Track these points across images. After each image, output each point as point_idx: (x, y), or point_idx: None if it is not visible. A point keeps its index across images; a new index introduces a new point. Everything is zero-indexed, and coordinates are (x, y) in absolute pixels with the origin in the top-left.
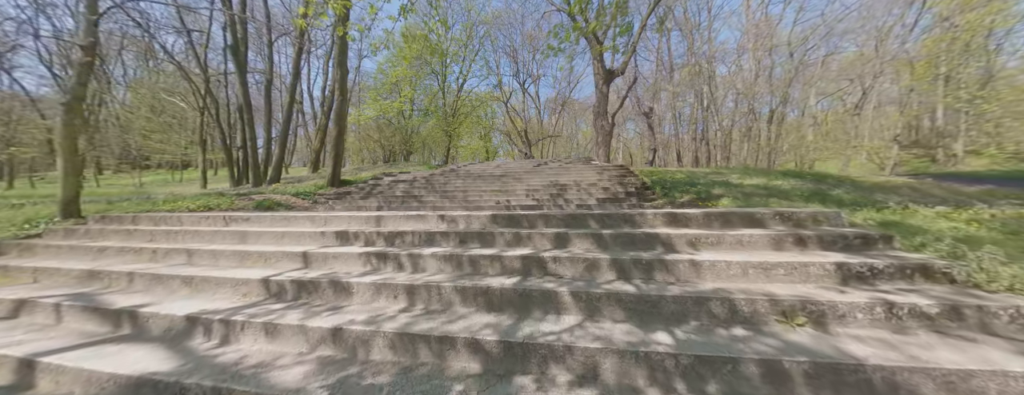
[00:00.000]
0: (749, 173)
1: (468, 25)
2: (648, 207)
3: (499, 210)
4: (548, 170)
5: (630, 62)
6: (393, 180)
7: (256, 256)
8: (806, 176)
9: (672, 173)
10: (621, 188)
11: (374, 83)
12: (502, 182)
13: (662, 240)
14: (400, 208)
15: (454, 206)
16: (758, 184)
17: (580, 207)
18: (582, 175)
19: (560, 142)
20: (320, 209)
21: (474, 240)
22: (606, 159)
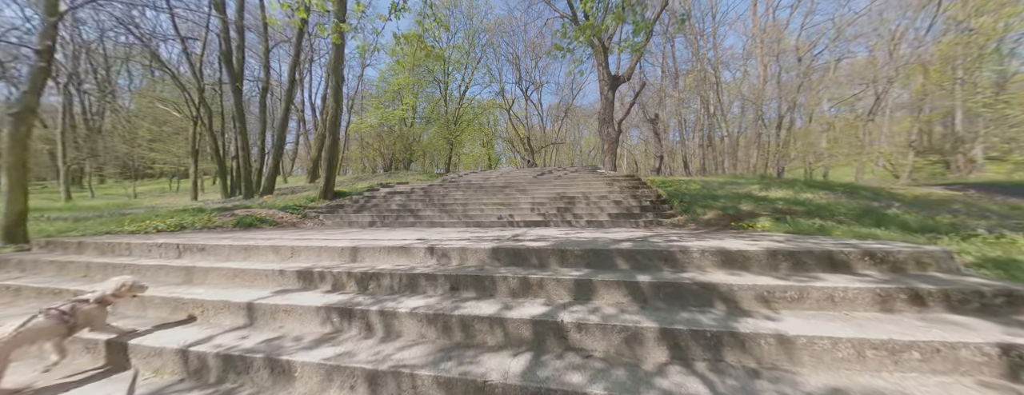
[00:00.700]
0: (770, 183)
1: (470, 32)
2: (688, 237)
3: (502, 238)
4: (553, 180)
5: (635, 67)
6: (390, 192)
7: (192, 306)
8: (836, 188)
9: (686, 183)
10: (634, 201)
11: (376, 91)
12: (505, 194)
13: (722, 293)
14: (395, 223)
15: (453, 222)
16: (787, 197)
17: (591, 223)
18: (591, 186)
19: (563, 149)
20: (308, 224)
21: (469, 286)
22: (612, 167)
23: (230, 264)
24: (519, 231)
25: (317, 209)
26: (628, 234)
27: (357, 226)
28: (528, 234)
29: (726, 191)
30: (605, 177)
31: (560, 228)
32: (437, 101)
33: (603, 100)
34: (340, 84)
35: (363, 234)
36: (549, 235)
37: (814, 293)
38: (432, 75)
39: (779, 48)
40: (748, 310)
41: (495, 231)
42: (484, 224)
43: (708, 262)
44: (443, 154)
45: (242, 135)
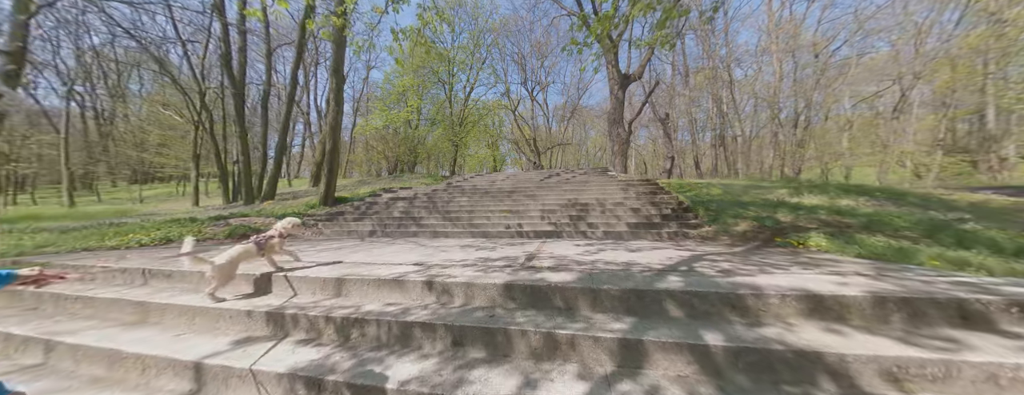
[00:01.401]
0: (798, 188)
1: (475, 33)
2: (740, 263)
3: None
4: (563, 184)
5: (646, 65)
6: (392, 197)
7: (132, 362)
8: (875, 192)
9: (705, 187)
10: (653, 209)
11: (381, 93)
12: (512, 199)
13: (830, 365)
14: (396, 232)
15: (458, 231)
16: (825, 205)
17: (609, 234)
18: (604, 191)
19: (569, 150)
20: (305, 234)
21: (476, 340)
22: (623, 169)
23: (192, 300)
24: (530, 245)
25: (316, 217)
26: (661, 254)
27: (355, 236)
28: (542, 254)
29: (752, 197)
30: (618, 181)
31: (574, 240)
32: (442, 102)
33: (613, 99)
34: (341, 86)
35: (357, 253)
36: (569, 257)
37: (967, 372)
38: (437, 76)
39: (795, 44)
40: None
41: (504, 245)
42: (491, 234)
43: (792, 310)
44: (448, 156)
45: (242, 139)
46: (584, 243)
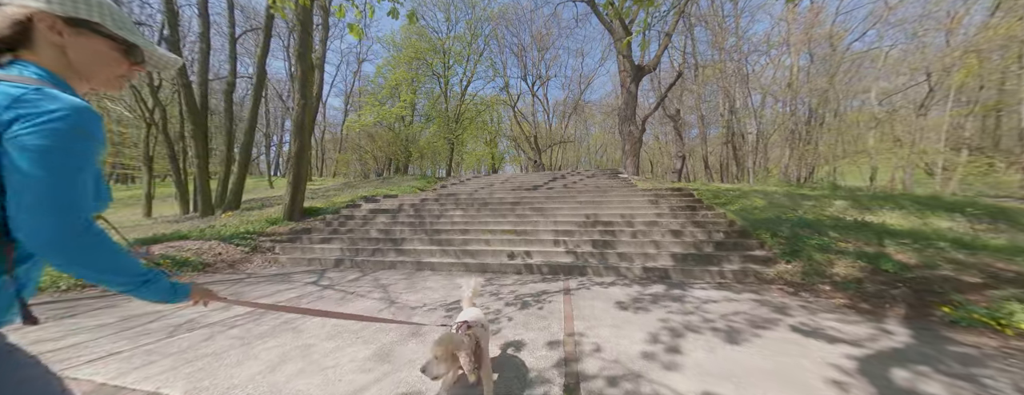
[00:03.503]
0: (857, 198)
1: (472, 22)
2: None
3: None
4: (576, 194)
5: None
6: (374, 209)
7: None
8: (964, 208)
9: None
10: (701, 232)
11: (373, 87)
12: (517, 215)
13: None
14: (370, 261)
15: (449, 264)
16: (930, 231)
17: (650, 272)
18: (629, 205)
19: (569, 147)
20: (254, 263)
21: None
22: (635, 170)
23: None
24: (549, 290)
25: (276, 237)
26: (780, 344)
27: (316, 267)
28: (584, 347)
29: (810, 212)
30: (641, 190)
31: (606, 281)
32: (437, 97)
33: (625, 94)
34: (308, 75)
35: (281, 320)
36: (641, 372)
37: None
38: (431, 69)
39: (811, 35)
40: None
41: (510, 293)
42: (491, 268)
43: None
44: (443, 155)
45: (198, 140)
46: (623, 286)
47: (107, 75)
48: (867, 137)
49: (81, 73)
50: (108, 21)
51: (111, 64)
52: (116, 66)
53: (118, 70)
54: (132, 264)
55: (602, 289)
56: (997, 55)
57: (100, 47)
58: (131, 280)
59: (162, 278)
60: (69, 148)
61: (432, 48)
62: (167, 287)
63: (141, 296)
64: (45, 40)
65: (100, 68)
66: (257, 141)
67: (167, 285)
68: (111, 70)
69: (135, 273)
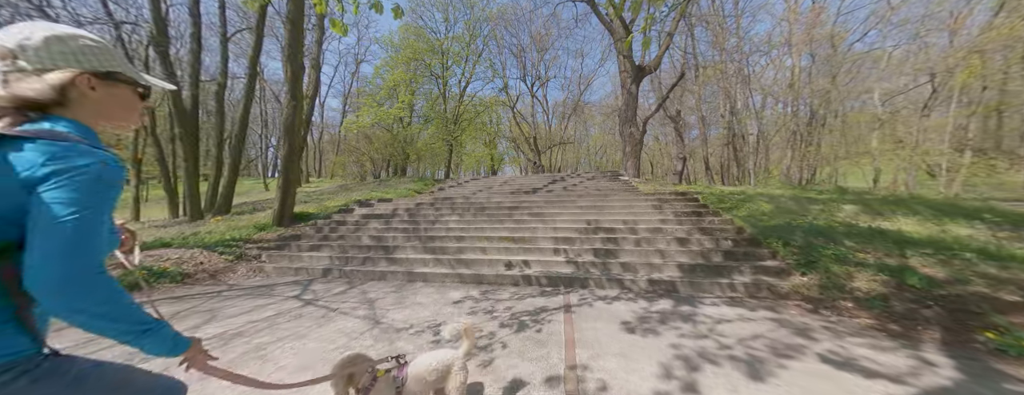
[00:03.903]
0: (867, 202)
1: (471, 22)
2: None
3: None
4: (576, 198)
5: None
6: (367, 214)
7: None
8: (982, 214)
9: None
10: (708, 240)
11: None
12: (515, 220)
13: None
14: (359, 272)
15: (442, 275)
16: (949, 240)
17: (656, 284)
18: (632, 209)
19: (569, 149)
20: (238, 272)
21: None
22: (636, 172)
23: None
24: (548, 307)
25: (263, 244)
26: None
27: (303, 277)
28: (590, 381)
29: (821, 217)
30: (643, 193)
31: (609, 295)
32: (436, 98)
33: (625, 95)
34: (298, 75)
35: (252, 344)
36: None
37: None
38: (429, 70)
39: (813, 36)
40: None
41: (505, 309)
42: (487, 279)
43: None
44: (442, 157)
45: (186, 142)
46: (628, 301)
47: (130, 115)
48: (870, 138)
49: (109, 117)
50: (124, 68)
51: (132, 105)
52: (135, 105)
53: (137, 108)
54: (135, 312)
55: (605, 305)
56: (1000, 55)
57: (123, 92)
58: (131, 328)
59: (165, 328)
60: (93, 198)
61: (430, 49)
62: (168, 338)
63: (139, 346)
64: (79, 95)
65: (124, 110)
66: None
67: (169, 336)
68: (132, 109)
69: (136, 321)
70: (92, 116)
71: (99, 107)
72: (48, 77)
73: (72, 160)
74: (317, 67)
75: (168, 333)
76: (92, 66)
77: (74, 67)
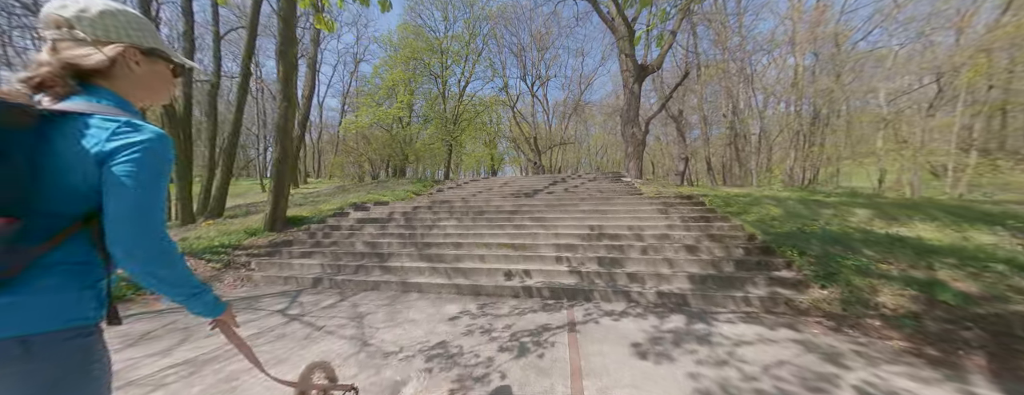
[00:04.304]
0: (879, 205)
1: (470, 21)
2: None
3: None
4: (579, 202)
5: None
6: (362, 217)
7: None
8: (1006, 220)
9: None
10: (718, 248)
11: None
12: (515, 225)
13: None
14: (351, 281)
15: (438, 285)
16: (971, 249)
17: (665, 298)
18: (636, 214)
19: (569, 149)
20: (225, 282)
21: None
22: (638, 173)
23: None
24: (551, 324)
25: (253, 250)
26: None
27: (291, 287)
28: None
29: (835, 223)
30: (647, 197)
31: (616, 308)
32: (435, 98)
33: (627, 94)
34: (290, 74)
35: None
36: None
37: None
38: (429, 69)
39: (816, 34)
40: None
41: (504, 327)
42: (486, 291)
43: None
44: (441, 158)
45: (178, 144)
46: (636, 318)
47: (166, 90)
48: (875, 138)
49: (148, 91)
50: (163, 46)
51: (168, 80)
52: (170, 81)
53: (170, 84)
54: (190, 275)
55: (613, 323)
56: (1006, 54)
57: (162, 68)
58: (188, 291)
59: (209, 292)
60: (154, 169)
61: (429, 48)
62: (211, 301)
63: (189, 306)
64: (123, 69)
65: (162, 85)
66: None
67: (212, 300)
68: (168, 85)
69: (192, 285)
70: (132, 88)
71: (140, 80)
72: (104, 48)
73: (131, 136)
74: (314, 67)
75: (211, 298)
76: (139, 41)
77: (124, 41)
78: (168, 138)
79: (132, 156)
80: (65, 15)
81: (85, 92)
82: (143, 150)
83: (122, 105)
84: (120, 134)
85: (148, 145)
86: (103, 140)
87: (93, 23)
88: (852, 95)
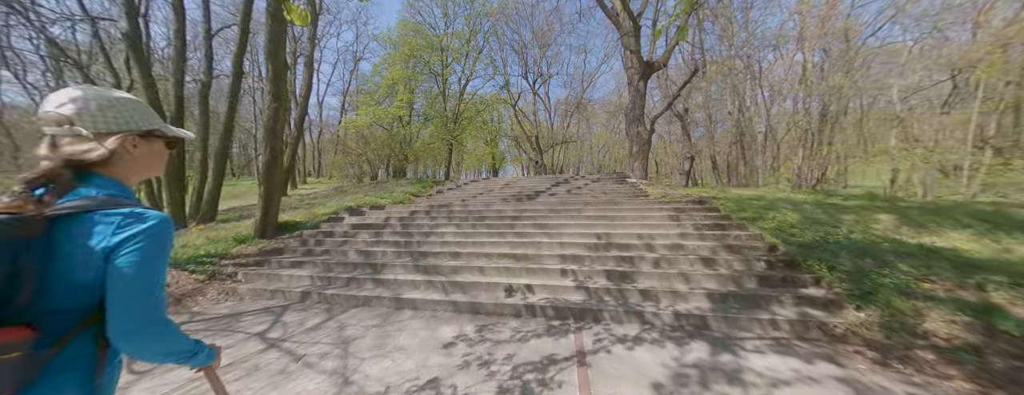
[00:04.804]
0: (903, 209)
1: (471, 17)
2: None
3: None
4: (583, 207)
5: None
6: (357, 223)
7: None
8: None
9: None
10: (737, 261)
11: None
12: (516, 232)
13: None
14: (341, 295)
15: (434, 302)
16: (1010, 257)
17: (683, 319)
18: (646, 221)
19: (571, 147)
20: (207, 295)
21: None
22: (643, 173)
23: None
24: (557, 355)
25: (241, 259)
26: None
27: (278, 302)
28: None
29: (860, 231)
30: (657, 202)
31: (627, 331)
32: (435, 96)
33: (632, 92)
34: (281, 74)
35: None
36: None
37: None
38: (429, 68)
39: (826, 29)
40: None
41: (504, 358)
42: (485, 309)
43: None
44: (442, 157)
45: None
46: (653, 345)
47: (160, 165)
48: (887, 136)
49: (144, 171)
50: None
51: (162, 156)
52: (164, 155)
53: (164, 158)
54: (184, 342)
55: (626, 352)
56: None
57: (157, 146)
58: (183, 357)
59: (202, 351)
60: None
61: (429, 45)
62: (203, 356)
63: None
64: (122, 155)
65: (157, 162)
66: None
67: (204, 354)
68: (161, 160)
69: (185, 351)
70: (129, 171)
71: (137, 162)
72: (105, 141)
73: (135, 227)
74: (311, 65)
75: (203, 352)
76: (137, 126)
77: (124, 129)
78: (170, 221)
79: (136, 246)
80: (66, 114)
81: (84, 183)
82: (147, 238)
83: (121, 191)
84: (124, 227)
85: (151, 232)
86: (109, 235)
87: (94, 118)
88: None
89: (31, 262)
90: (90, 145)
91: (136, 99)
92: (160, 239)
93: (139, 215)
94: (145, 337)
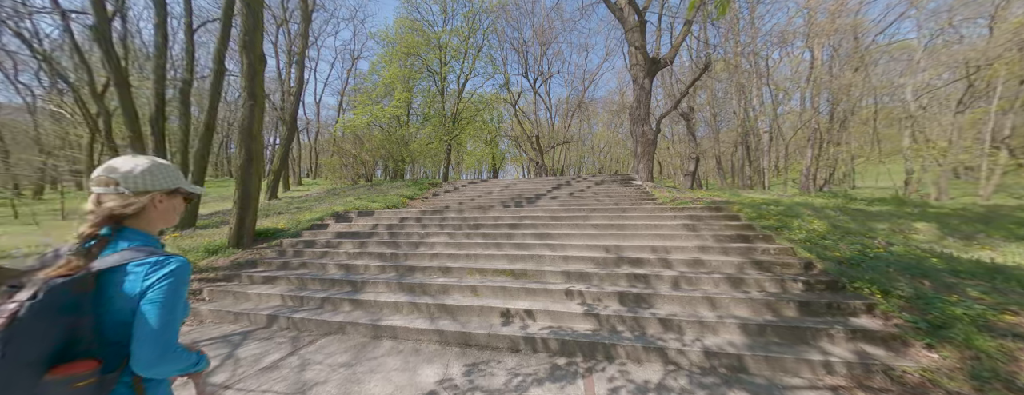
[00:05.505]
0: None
1: (470, 14)
2: None
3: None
4: (588, 212)
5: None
6: (342, 231)
7: None
8: None
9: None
10: (770, 282)
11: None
12: (515, 244)
13: None
14: (313, 319)
15: (418, 332)
16: None
17: (713, 358)
18: (658, 230)
19: (572, 147)
20: None
21: None
22: (648, 175)
23: None
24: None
25: (209, 273)
26: None
27: (241, 328)
28: None
29: (900, 244)
30: (671, 208)
31: (648, 376)
32: (434, 95)
33: (637, 90)
34: (257, 68)
35: None
36: None
37: None
38: (427, 66)
39: (836, 25)
40: None
41: None
42: (477, 341)
43: None
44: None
45: (136, 148)
46: (666, 378)
47: (177, 216)
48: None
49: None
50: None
51: (180, 208)
52: (181, 208)
53: (181, 210)
54: (190, 358)
55: (638, 380)
56: None
57: (177, 201)
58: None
59: (202, 360)
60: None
61: (427, 43)
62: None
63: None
64: (150, 210)
65: (175, 214)
66: None
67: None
68: (179, 212)
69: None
70: (153, 222)
71: (161, 214)
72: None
73: (160, 272)
74: (301, 62)
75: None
76: (165, 185)
77: (155, 189)
78: (188, 265)
79: (160, 286)
80: (114, 177)
81: (119, 235)
82: (169, 280)
83: (147, 241)
84: (152, 273)
85: (173, 275)
86: (140, 281)
87: (135, 181)
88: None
89: (90, 311)
90: (129, 201)
91: (170, 164)
92: (180, 279)
93: (163, 262)
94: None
